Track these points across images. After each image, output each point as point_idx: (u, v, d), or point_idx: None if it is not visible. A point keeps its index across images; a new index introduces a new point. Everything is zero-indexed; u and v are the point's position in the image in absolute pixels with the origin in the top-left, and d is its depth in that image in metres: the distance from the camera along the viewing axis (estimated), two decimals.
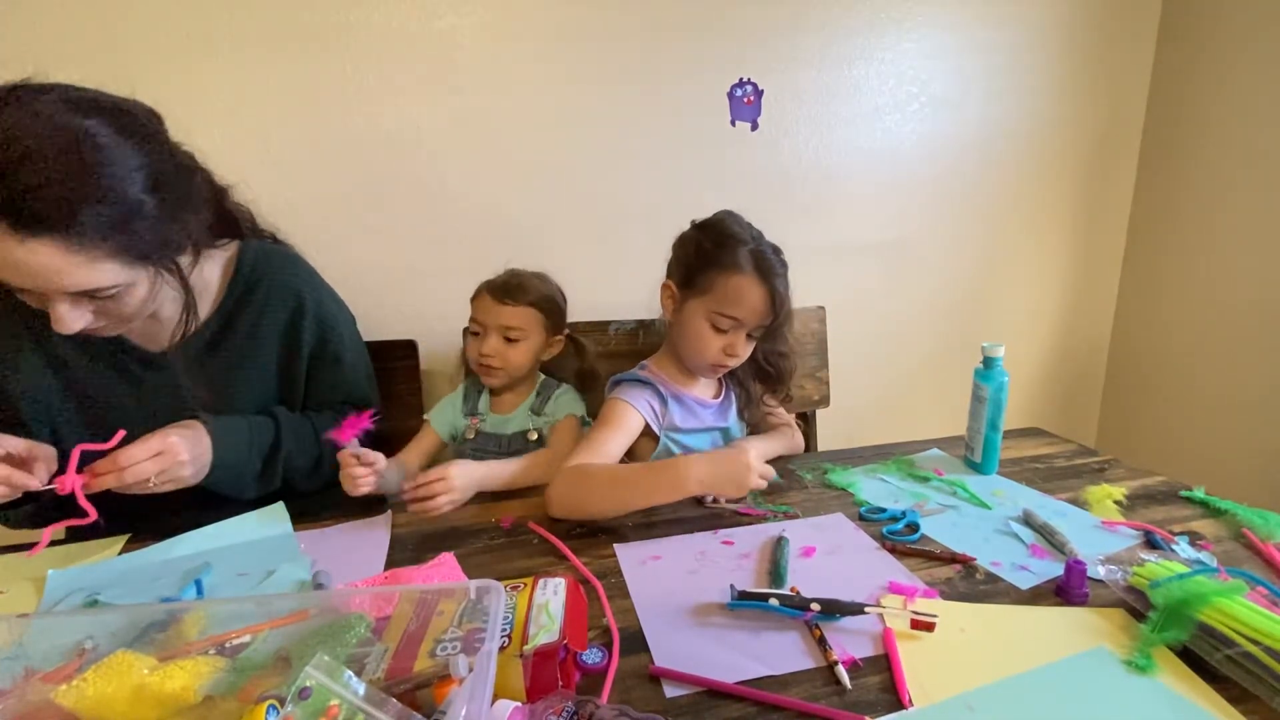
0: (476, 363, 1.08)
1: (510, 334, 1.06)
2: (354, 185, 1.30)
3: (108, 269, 0.66)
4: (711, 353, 0.97)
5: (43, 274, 0.63)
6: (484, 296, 1.08)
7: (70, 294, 0.66)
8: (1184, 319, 1.74)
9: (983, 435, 0.96)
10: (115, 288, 0.68)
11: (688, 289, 0.99)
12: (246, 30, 0.83)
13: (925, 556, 0.74)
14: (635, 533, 0.81)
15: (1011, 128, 1.67)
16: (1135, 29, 1.71)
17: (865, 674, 0.55)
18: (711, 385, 1.10)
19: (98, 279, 0.66)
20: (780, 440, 1.09)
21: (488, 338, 1.07)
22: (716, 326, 0.96)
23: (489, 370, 1.07)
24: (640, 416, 0.98)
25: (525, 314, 1.07)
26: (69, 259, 0.63)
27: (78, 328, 0.69)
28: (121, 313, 0.73)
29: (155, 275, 0.73)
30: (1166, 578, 0.62)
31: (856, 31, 1.50)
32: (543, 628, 0.52)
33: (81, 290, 0.66)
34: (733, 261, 0.94)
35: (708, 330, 0.97)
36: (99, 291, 0.68)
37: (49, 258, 0.62)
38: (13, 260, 0.62)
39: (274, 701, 0.41)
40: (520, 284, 1.09)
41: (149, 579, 0.70)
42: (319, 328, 0.95)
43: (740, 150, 1.49)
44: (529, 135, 1.36)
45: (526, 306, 1.07)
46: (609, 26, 1.36)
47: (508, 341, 1.07)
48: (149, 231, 0.69)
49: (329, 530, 0.84)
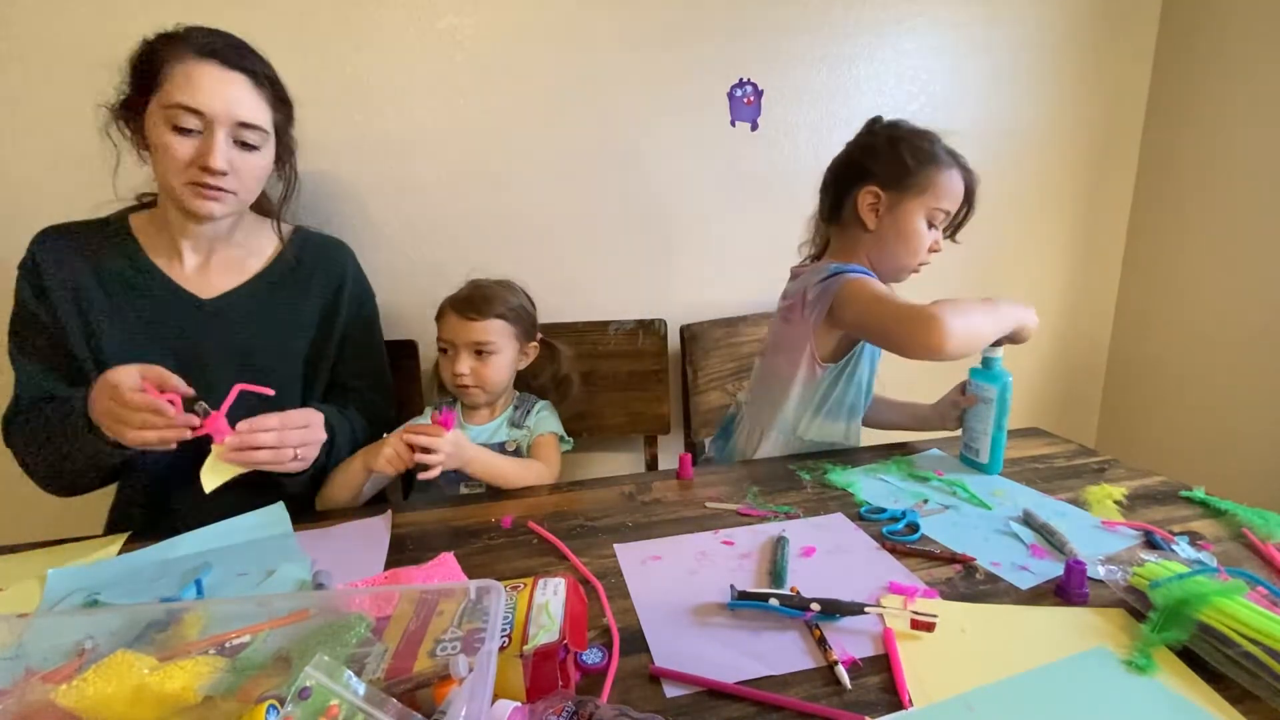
0: (452, 384, 1.05)
1: (481, 349, 1.03)
2: (353, 185, 1.30)
3: (266, 112, 0.88)
4: (923, 250, 1.01)
5: (232, 98, 0.83)
6: (449, 314, 1.05)
7: (234, 128, 0.84)
8: (1184, 319, 1.74)
9: (989, 436, 0.96)
10: (262, 133, 0.87)
11: (902, 190, 0.99)
12: (245, 30, 0.85)
13: (925, 556, 0.74)
14: (635, 533, 0.81)
15: (1011, 128, 1.67)
16: (1135, 29, 1.71)
17: (865, 674, 0.55)
18: None
19: (260, 115, 0.86)
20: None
21: (459, 356, 1.03)
22: (931, 221, 1.00)
23: (466, 391, 1.05)
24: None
25: (495, 327, 1.04)
26: (250, 92, 0.85)
27: (224, 164, 0.83)
28: (247, 172, 0.87)
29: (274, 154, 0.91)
30: (1166, 578, 0.62)
31: (856, 31, 1.50)
32: (543, 628, 0.52)
33: (247, 121, 0.84)
34: (939, 157, 0.98)
35: (924, 227, 1.00)
36: (253, 130, 0.85)
37: (241, 86, 0.84)
38: (213, 83, 0.82)
39: (274, 701, 0.41)
40: (485, 295, 1.05)
41: (149, 579, 0.70)
42: (356, 303, 1.05)
43: (740, 150, 1.49)
44: (529, 135, 1.36)
45: (495, 319, 1.04)
46: (609, 27, 1.36)
47: (480, 356, 1.03)
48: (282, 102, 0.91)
49: (329, 530, 0.84)
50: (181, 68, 0.81)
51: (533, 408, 1.11)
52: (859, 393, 1.08)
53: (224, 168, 0.83)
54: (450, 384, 1.05)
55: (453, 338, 1.04)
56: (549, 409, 1.13)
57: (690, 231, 1.48)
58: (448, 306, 1.06)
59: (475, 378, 1.03)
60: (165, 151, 0.82)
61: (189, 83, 0.81)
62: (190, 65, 0.81)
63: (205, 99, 0.81)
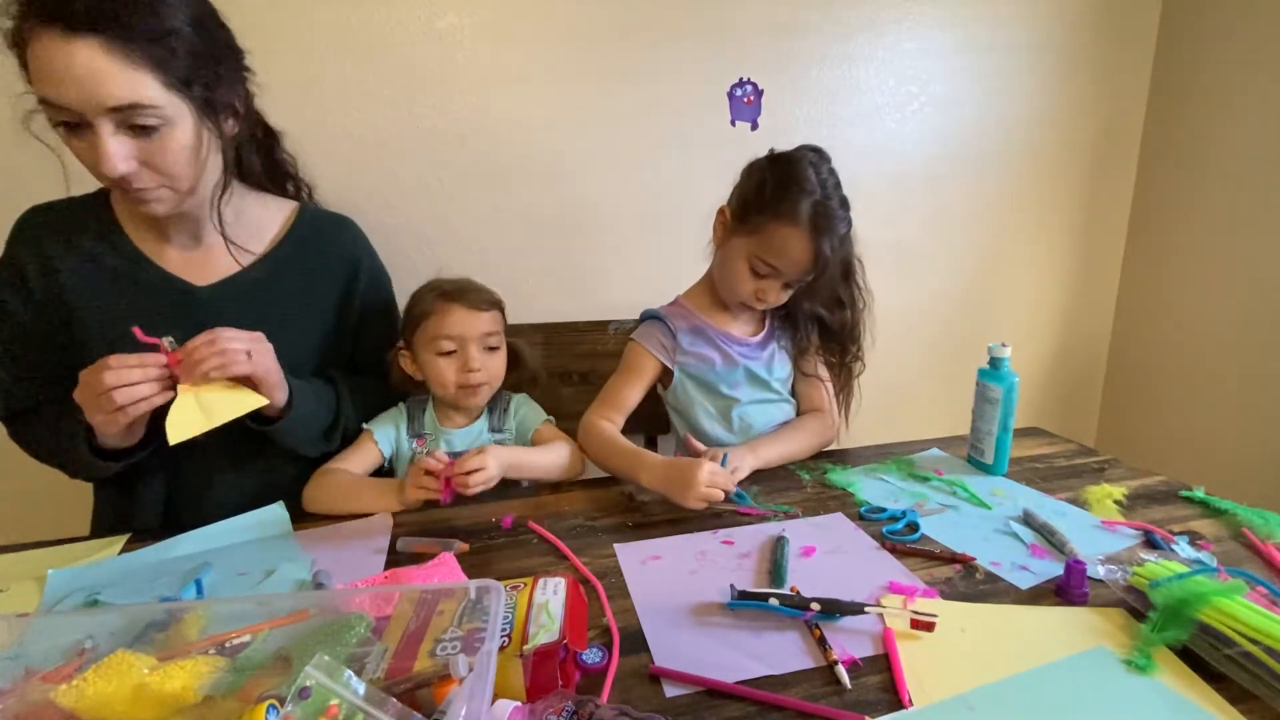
0: (458, 385, 0.95)
1: (490, 341, 0.97)
2: (352, 185, 1.30)
3: (145, 82, 0.67)
4: (743, 292, 0.98)
5: (86, 79, 0.64)
6: (454, 308, 0.94)
7: (111, 115, 0.66)
8: (1184, 319, 1.74)
9: (994, 436, 0.95)
10: (153, 110, 0.68)
11: (740, 223, 0.97)
12: (243, 30, 0.84)
13: (925, 556, 0.74)
14: (635, 533, 0.81)
15: (1011, 128, 1.67)
16: (1135, 29, 1.72)
17: (865, 674, 0.55)
18: (750, 323, 1.08)
19: (135, 90, 0.66)
20: (800, 436, 1.03)
21: (470, 352, 0.94)
22: (754, 270, 0.96)
23: (474, 390, 0.96)
24: (654, 358, 1.02)
25: (497, 318, 0.99)
26: (109, 61, 0.64)
27: (122, 167, 0.68)
28: (165, 160, 0.71)
29: (199, 123, 0.73)
30: (1166, 577, 0.62)
31: (857, 31, 1.50)
32: (543, 627, 0.52)
33: (120, 104, 0.66)
34: (790, 211, 0.90)
35: (745, 270, 0.97)
36: (138, 111, 0.67)
37: (90, 58, 0.63)
38: (60, 65, 0.63)
39: (274, 701, 0.41)
40: (477, 287, 0.99)
41: (149, 579, 0.70)
42: (374, 285, 1.01)
43: (740, 150, 1.47)
44: (528, 135, 1.36)
45: (496, 310, 0.99)
46: (609, 26, 1.36)
47: (488, 351, 0.97)
48: (186, 55, 0.69)
49: (329, 530, 0.83)
50: (34, 47, 0.64)
51: (509, 405, 1.04)
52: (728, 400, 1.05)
53: (124, 170, 0.69)
54: (451, 387, 0.95)
55: (462, 332, 0.94)
56: (526, 400, 1.06)
57: (690, 231, 1.48)
58: (446, 301, 0.95)
59: (485, 373, 0.95)
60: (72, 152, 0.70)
61: (39, 69, 0.64)
62: (36, 42, 0.64)
63: (57, 89, 0.64)
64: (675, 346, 1.03)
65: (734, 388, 1.04)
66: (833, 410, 1.09)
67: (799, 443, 1.02)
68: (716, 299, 1.06)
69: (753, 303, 0.99)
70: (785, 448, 1.00)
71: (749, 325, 1.08)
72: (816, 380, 1.09)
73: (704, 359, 1.03)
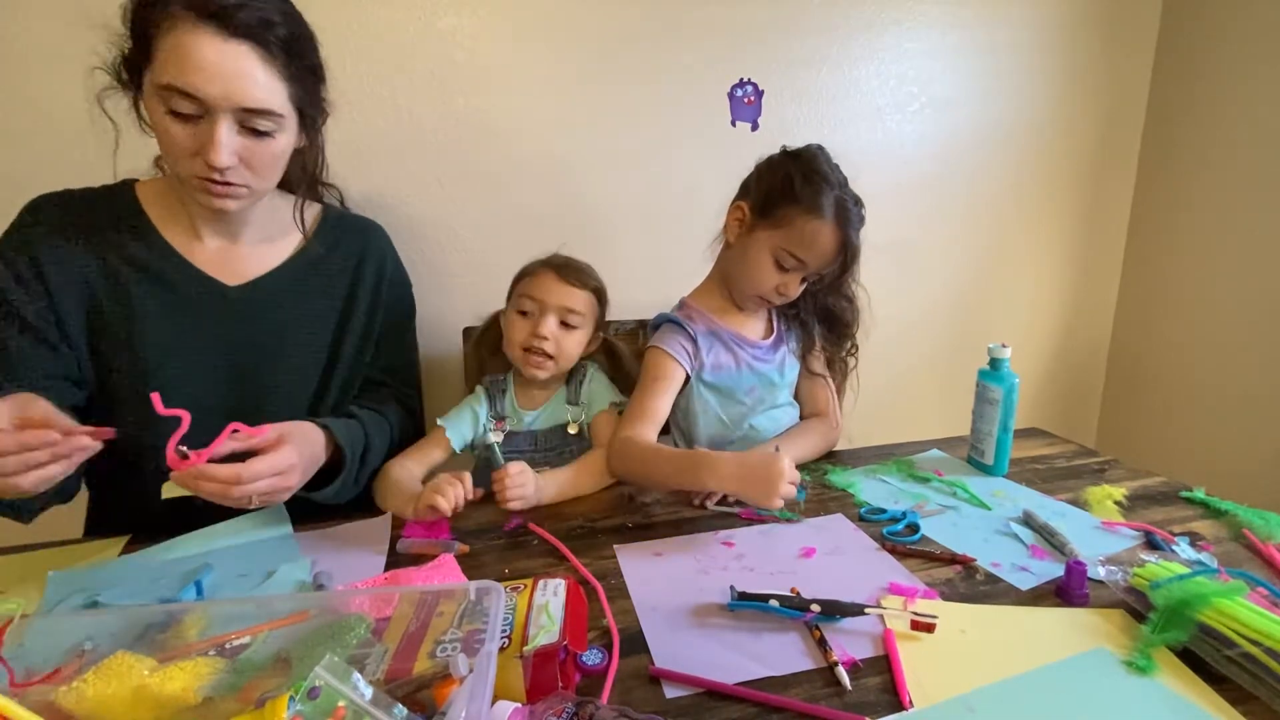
0: (523, 345, 0.95)
1: (570, 318, 0.96)
2: (351, 185, 1.29)
3: (280, 92, 0.74)
4: (766, 287, 0.97)
5: (234, 78, 0.69)
6: (544, 274, 0.97)
7: (238, 113, 0.71)
8: (1184, 319, 1.74)
9: (994, 437, 0.96)
10: (275, 118, 0.74)
11: (763, 217, 0.96)
12: None
13: (925, 557, 0.74)
14: (635, 533, 0.81)
15: (1011, 128, 1.67)
16: (1135, 29, 1.71)
17: (865, 675, 0.55)
18: (760, 324, 1.07)
19: (271, 98, 0.73)
20: (811, 439, 1.04)
21: (545, 318, 0.95)
22: (780, 263, 0.95)
23: (539, 358, 0.95)
24: (679, 363, 0.99)
25: (587, 300, 0.99)
26: (258, 67, 0.71)
27: (228, 160, 0.72)
28: (261, 162, 0.76)
29: (299, 132, 0.80)
30: (1167, 578, 0.62)
31: (857, 32, 1.50)
32: (543, 628, 0.52)
33: (255, 107, 0.71)
34: (816, 204, 0.92)
35: (769, 263, 0.96)
36: (264, 115, 0.73)
37: (243, 61, 0.70)
38: (211, 61, 0.68)
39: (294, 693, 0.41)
40: (580, 267, 1.00)
41: (149, 580, 0.70)
42: (398, 294, 1.00)
43: (740, 150, 1.48)
44: (528, 136, 1.36)
45: (590, 292, 0.99)
46: (609, 27, 1.35)
47: (564, 326, 0.97)
48: (311, 83, 0.79)
49: (329, 531, 0.83)
50: (173, 36, 0.67)
51: (585, 377, 1.04)
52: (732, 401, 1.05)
53: (229, 163, 0.72)
54: (518, 348, 0.96)
55: (545, 297, 0.95)
56: (600, 375, 1.06)
57: (691, 231, 1.48)
58: (543, 267, 0.98)
59: (554, 345, 0.95)
60: (164, 137, 0.72)
61: (181, 59, 0.67)
62: (182, 33, 0.67)
63: (201, 82, 0.68)
64: (696, 351, 1.01)
65: (749, 394, 1.04)
66: (834, 413, 1.10)
67: (807, 446, 1.03)
68: (726, 300, 1.05)
69: (773, 297, 0.99)
70: (797, 451, 1.00)
71: (758, 327, 1.07)
72: (820, 379, 1.10)
73: (721, 365, 1.02)
